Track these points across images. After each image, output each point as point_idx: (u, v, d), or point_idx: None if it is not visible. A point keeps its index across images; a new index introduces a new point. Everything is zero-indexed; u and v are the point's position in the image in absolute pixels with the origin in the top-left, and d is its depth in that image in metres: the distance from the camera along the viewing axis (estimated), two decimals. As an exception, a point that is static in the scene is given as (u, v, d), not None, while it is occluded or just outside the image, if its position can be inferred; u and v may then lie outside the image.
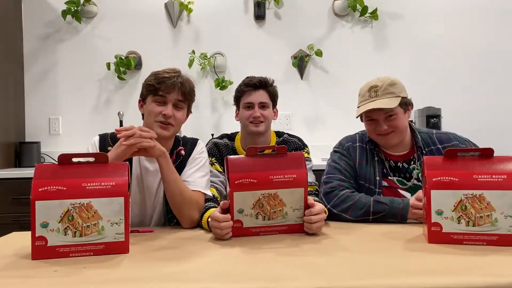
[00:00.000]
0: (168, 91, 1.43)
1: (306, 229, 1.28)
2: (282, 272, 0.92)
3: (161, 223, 1.54)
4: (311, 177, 1.73)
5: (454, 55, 3.21)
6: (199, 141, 1.61)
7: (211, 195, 1.51)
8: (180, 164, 1.52)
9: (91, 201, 1.06)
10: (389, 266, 0.95)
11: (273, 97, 1.81)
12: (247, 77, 1.82)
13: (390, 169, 1.61)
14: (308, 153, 1.84)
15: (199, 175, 1.50)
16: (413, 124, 1.76)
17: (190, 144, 1.57)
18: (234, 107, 1.89)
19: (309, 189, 1.58)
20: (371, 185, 1.58)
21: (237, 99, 1.83)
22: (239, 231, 1.25)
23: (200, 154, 1.56)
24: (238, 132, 1.88)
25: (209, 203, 1.48)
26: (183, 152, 1.54)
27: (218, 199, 1.57)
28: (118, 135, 1.30)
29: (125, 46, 3.11)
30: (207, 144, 1.81)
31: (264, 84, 1.77)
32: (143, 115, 1.53)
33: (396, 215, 1.41)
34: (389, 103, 1.49)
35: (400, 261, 0.99)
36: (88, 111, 3.12)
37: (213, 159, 1.72)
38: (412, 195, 1.50)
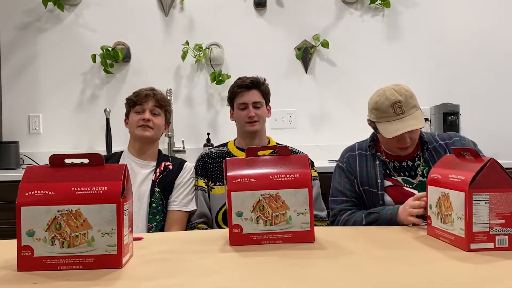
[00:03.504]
0: (144, 101, 1.91)
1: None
2: (288, 286, 0.93)
3: (144, 231, 1.83)
4: (319, 209, 1.96)
5: (476, 46, 3.21)
6: (186, 162, 2.00)
7: (192, 208, 1.90)
8: (167, 175, 1.91)
9: (80, 208, 1.04)
10: (412, 276, 0.97)
11: (266, 95, 2.06)
12: (239, 78, 2.06)
13: (395, 169, 1.74)
14: (315, 170, 1.98)
15: (183, 194, 1.93)
16: None
17: (178, 164, 1.97)
18: (231, 105, 2.10)
19: (321, 224, 1.89)
20: (373, 188, 1.73)
21: (231, 100, 2.07)
22: (239, 239, 1.26)
23: (188, 175, 1.97)
24: (232, 140, 2.11)
25: (200, 219, 1.90)
26: (171, 167, 1.94)
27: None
28: None
29: (112, 36, 3.12)
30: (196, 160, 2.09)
31: (256, 84, 2.01)
32: None
33: (388, 221, 1.56)
34: (418, 123, 1.59)
35: (423, 269, 1.01)
36: (71, 108, 3.14)
37: (198, 177, 2.01)
38: (419, 192, 1.60)
